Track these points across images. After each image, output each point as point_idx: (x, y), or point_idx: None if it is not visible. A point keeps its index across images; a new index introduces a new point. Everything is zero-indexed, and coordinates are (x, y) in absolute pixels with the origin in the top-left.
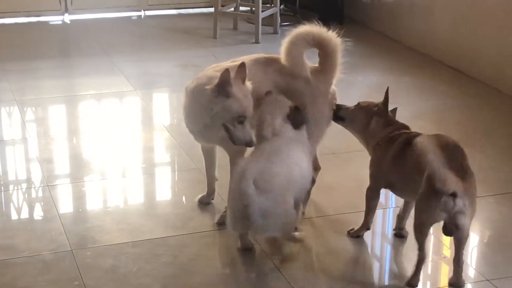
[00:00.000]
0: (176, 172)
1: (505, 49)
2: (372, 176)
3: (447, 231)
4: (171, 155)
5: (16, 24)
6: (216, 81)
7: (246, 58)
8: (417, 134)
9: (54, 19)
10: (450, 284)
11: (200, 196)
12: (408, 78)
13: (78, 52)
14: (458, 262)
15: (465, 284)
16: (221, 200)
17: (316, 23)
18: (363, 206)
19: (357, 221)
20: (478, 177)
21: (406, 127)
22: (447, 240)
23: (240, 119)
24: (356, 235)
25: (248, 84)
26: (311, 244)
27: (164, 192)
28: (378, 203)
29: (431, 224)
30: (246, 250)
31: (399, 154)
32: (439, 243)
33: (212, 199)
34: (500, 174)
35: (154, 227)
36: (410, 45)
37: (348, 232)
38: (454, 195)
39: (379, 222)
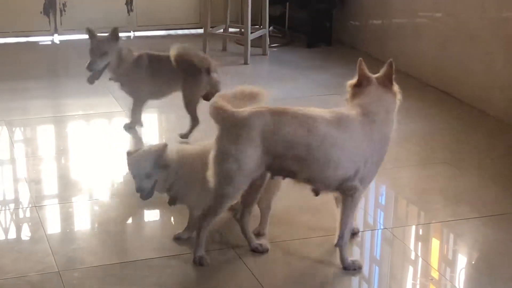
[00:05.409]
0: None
1: (492, 72)
2: None
3: None
4: None
5: (5, 44)
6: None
7: None
8: None
9: (44, 40)
10: None
11: None
12: None
13: (67, 73)
14: None
15: None
16: None
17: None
18: None
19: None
20: (465, 199)
21: None
22: (435, 263)
23: None
24: None
25: None
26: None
27: (151, 213)
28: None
29: None
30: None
31: None
32: (427, 265)
33: None
34: (486, 197)
35: (141, 248)
36: (397, 67)
37: None
38: None
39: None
